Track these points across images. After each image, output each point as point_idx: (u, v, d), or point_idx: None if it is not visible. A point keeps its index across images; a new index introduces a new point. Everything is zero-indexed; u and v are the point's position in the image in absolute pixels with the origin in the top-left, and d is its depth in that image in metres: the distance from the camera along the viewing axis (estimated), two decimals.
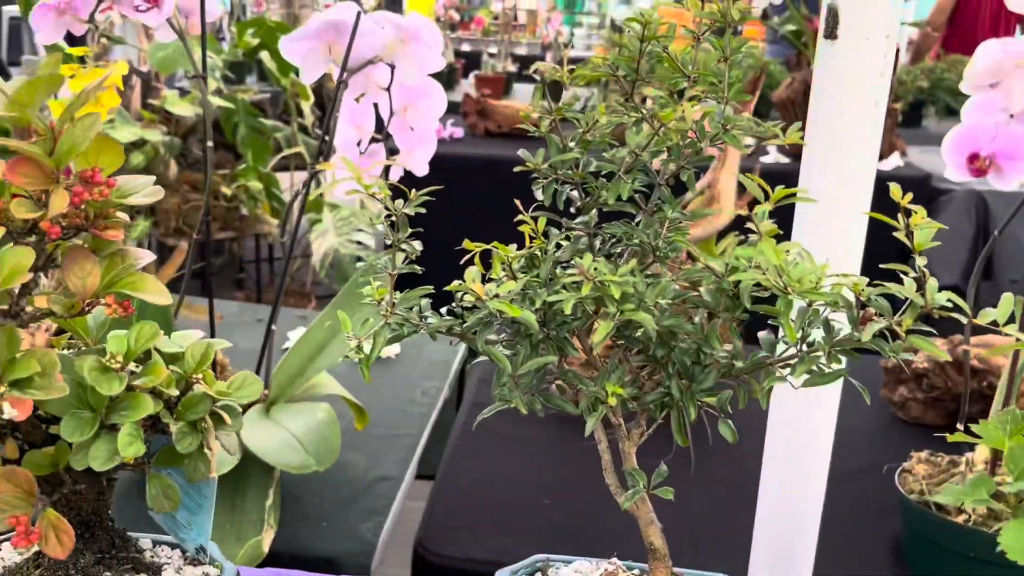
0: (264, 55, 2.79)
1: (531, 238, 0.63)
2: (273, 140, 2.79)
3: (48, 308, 0.55)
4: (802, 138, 0.55)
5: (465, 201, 2.88)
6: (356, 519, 1.25)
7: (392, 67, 1.27)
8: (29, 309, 0.55)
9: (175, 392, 0.57)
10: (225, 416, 0.59)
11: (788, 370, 0.55)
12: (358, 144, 1.31)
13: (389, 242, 0.60)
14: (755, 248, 0.50)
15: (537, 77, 0.66)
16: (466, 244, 0.61)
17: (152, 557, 0.67)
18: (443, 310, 0.63)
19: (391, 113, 1.28)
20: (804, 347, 0.53)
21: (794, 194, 0.54)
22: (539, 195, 0.60)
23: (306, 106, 2.81)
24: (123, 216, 0.56)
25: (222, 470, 0.81)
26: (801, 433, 0.89)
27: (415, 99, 1.31)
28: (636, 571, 0.67)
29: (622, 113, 0.57)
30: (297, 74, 2.98)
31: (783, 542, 0.92)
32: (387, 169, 1.30)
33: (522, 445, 1.48)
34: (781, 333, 0.54)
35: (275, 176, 2.78)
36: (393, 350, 1.71)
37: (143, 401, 0.55)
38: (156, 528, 0.68)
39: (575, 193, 0.61)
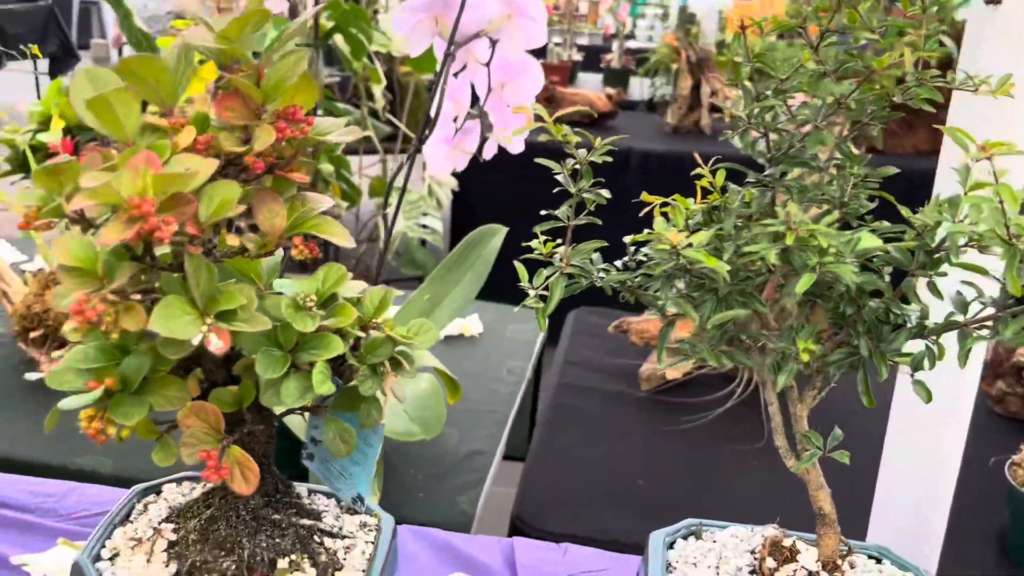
0: (338, 38, 2.81)
1: (705, 193, 0.62)
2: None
3: (241, 245, 0.56)
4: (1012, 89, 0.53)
5: (530, 187, 2.87)
6: (452, 492, 1.25)
7: (494, 42, 1.26)
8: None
9: (360, 334, 0.57)
10: (404, 361, 0.59)
11: (986, 331, 0.54)
12: (454, 120, 1.30)
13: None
14: (973, 197, 0.49)
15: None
16: (644, 197, 0.61)
17: (310, 504, 0.67)
18: (618, 262, 0.62)
19: (488, 89, 1.28)
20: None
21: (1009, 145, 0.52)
22: (736, 142, 0.59)
23: (377, 90, 2.82)
24: (310, 160, 0.57)
25: None
26: (936, 415, 0.86)
27: (514, 75, 1.30)
28: (793, 538, 0.65)
29: (822, 61, 0.56)
30: (370, 59, 2.99)
31: (908, 523, 0.90)
32: (481, 146, 1.29)
33: (611, 427, 1.47)
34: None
35: (346, 159, 2.80)
36: (476, 328, 1.70)
37: (333, 341, 0.55)
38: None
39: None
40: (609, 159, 0.60)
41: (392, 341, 0.58)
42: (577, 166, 0.58)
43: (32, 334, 1.43)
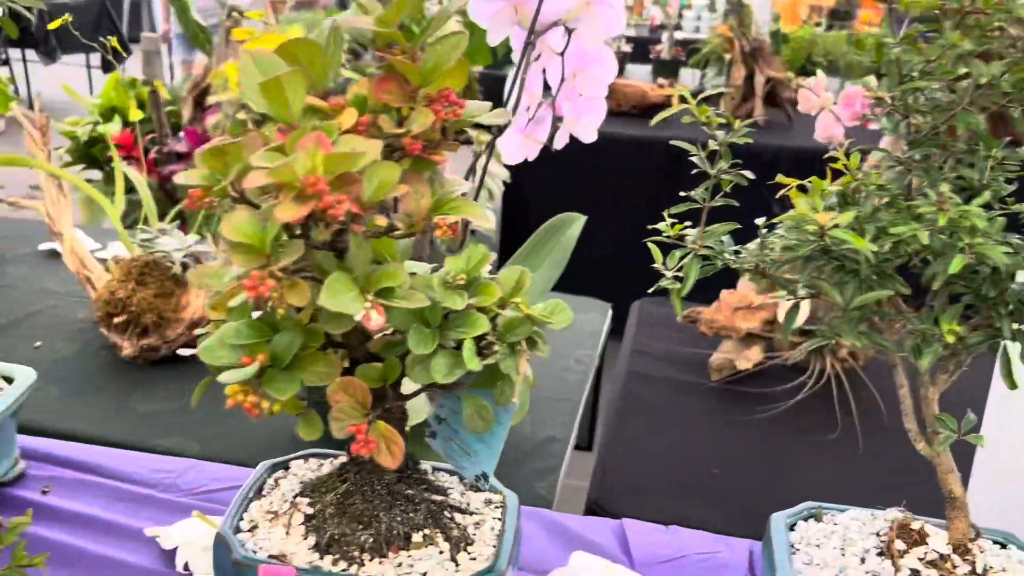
0: None
1: (836, 175, 0.62)
2: None
3: (390, 224, 0.57)
4: None
5: (582, 179, 2.88)
6: (531, 477, 1.26)
7: (570, 30, 1.27)
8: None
9: (500, 313, 0.58)
10: (539, 341, 0.60)
11: None
12: (527, 108, 1.31)
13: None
14: None
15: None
16: (780, 179, 0.61)
17: (435, 481, 0.69)
18: (750, 245, 0.63)
19: (562, 79, 1.28)
20: None
21: None
22: (884, 123, 0.59)
23: None
24: (456, 142, 0.58)
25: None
26: None
27: (588, 64, 1.31)
28: (921, 522, 0.66)
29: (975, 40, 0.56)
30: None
31: (1008, 506, 0.90)
32: (552, 135, 1.30)
33: (681, 416, 1.48)
34: None
35: None
36: None
37: (479, 319, 0.57)
38: None
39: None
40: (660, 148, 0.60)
41: (530, 320, 0.59)
42: (717, 148, 0.58)
43: (115, 319, 1.47)
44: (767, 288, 1.48)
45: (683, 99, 0.58)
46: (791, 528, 0.68)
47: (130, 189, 2.31)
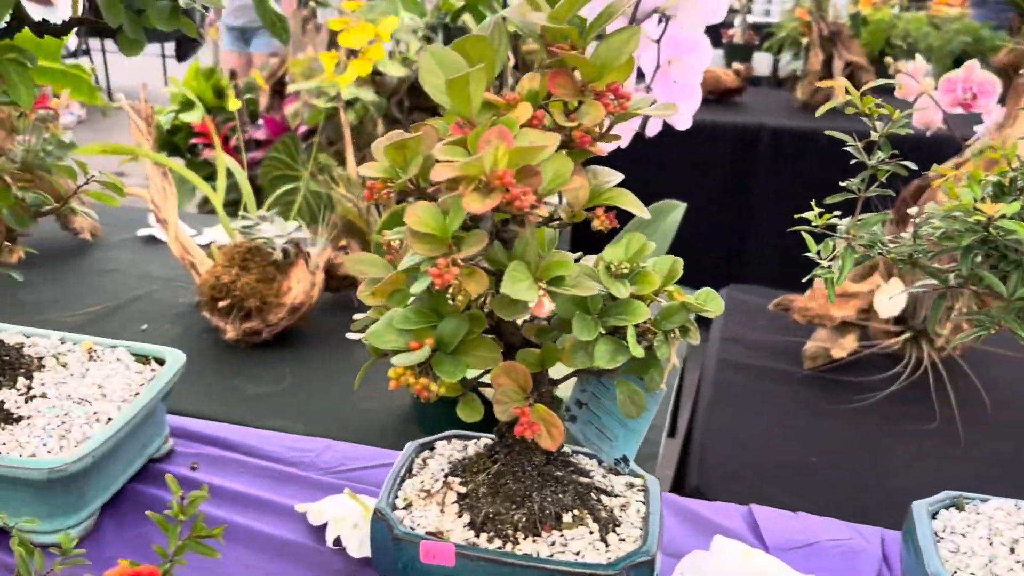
0: (467, 17, 2.84)
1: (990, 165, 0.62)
2: None
3: (551, 215, 0.59)
4: None
5: (658, 164, 2.86)
6: None
7: (667, 18, 1.27)
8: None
9: (659, 301, 0.60)
10: (692, 329, 0.61)
11: None
12: None
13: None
14: None
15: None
16: (937, 169, 0.61)
17: (578, 463, 0.71)
18: (903, 234, 0.63)
19: (656, 66, 1.28)
20: None
21: None
22: None
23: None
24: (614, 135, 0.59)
25: None
26: None
27: (683, 52, 1.30)
28: None
29: None
30: None
31: None
32: (644, 123, 1.30)
33: (775, 404, 1.48)
34: None
35: None
36: None
37: (639, 307, 0.58)
38: None
39: None
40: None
41: (686, 308, 0.61)
42: (875, 139, 0.59)
43: (220, 304, 1.52)
44: (866, 275, 1.46)
45: (848, 90, 0.59)
46: (933, 516, 0.68)
47: (207, 177, 2.37)
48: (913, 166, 0.59)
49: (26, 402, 0.75)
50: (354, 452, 0.86)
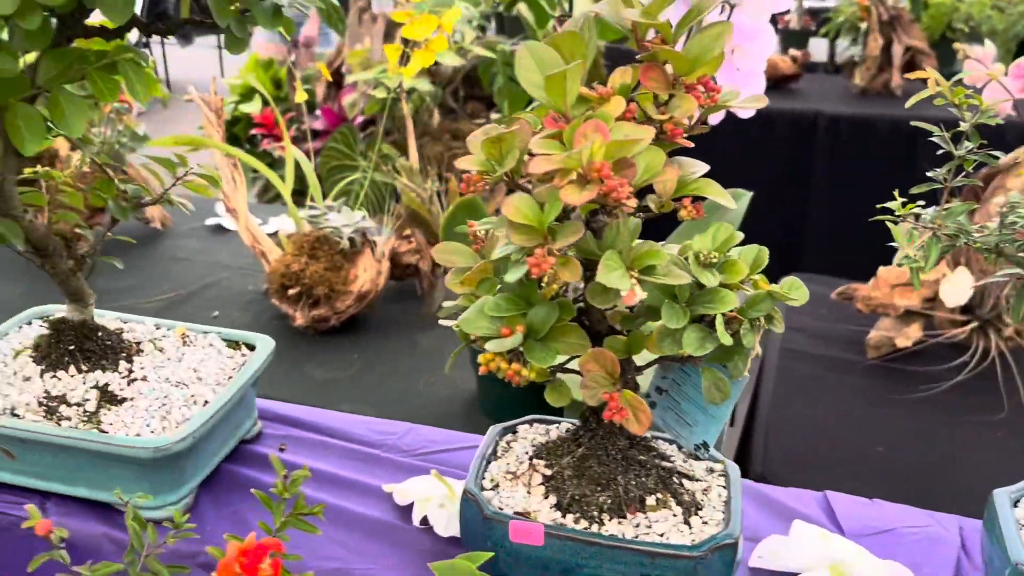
0: (521, 6, 2.85)
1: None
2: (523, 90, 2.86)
3: (640, 205, 0.60)
4: None
5: (714, 152, 2.85)
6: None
7: (732, 6, 1.26)
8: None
9: (746, 290, 0.61)
10: (776, 317, 0.62)
11: None
12: None
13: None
14: None
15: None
16: (1016, 155, 0.61)
17: (659, 448, 0.72)
18: (990, 224, 0.63)
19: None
20: None
21: None
22: None
23: None
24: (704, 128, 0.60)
25: None
26: None
27: (746, 40, 1.30)
28: None
29: None
30: (555, 27, 3.02)
31: None
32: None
33: (840, 393, 1.47)
34: None
35: None
36: None
37: (727, 296, 0.59)
38: None
39: None
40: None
41: (772, 297, 0.62)
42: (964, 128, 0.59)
43: (289, 291, 1.56)
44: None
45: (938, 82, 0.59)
46: (1014, 504, 0.68)
47: (268, 167, 2.41)
48: (1001, 155, 0.59)
49: (128, 384, 0.79)
50: (434, 435, 0.88)
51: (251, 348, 0.87)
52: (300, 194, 2.11)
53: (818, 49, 3.51)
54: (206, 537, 0.74)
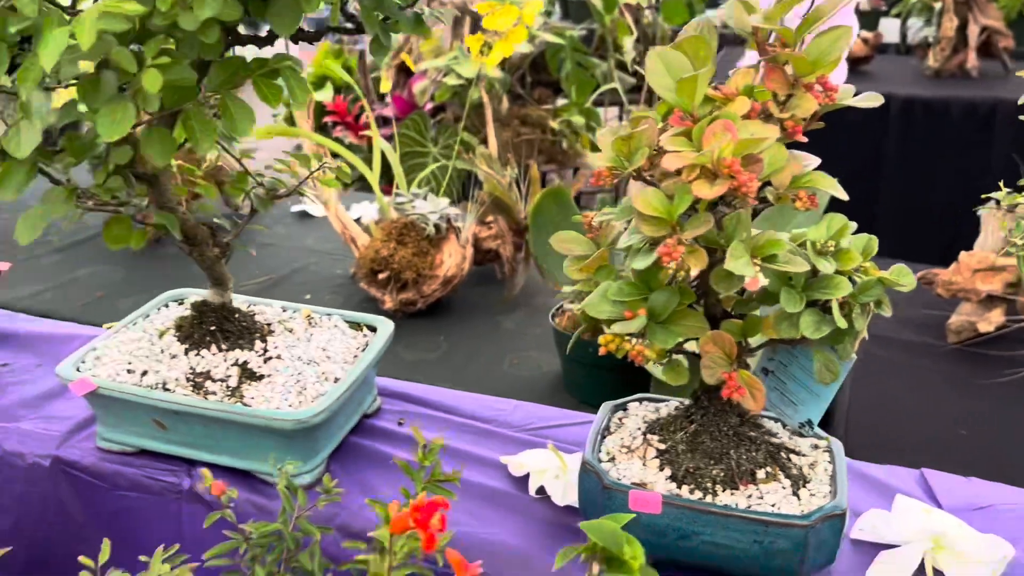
0: None
1: None
2: (591, 76, 2.89)
3: (761, 196, 0.64)
4: None
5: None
6: None
7: None
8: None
9: (857, 277, 0.65)
10: (884, 302, 0.66)
11: None
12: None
13: None
14: None
15: None
16: None
17: (765, 425, 0.76)
18: None
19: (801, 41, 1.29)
20: None
21: None
22: None
23: (628, 42, 2.87)
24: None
25: None
26: None
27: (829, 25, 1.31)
28: None
29: None
30: (622, 12, 3.02)
31: None
32: None
33: (920, 377, 1.49)
34: None
35: (596, 111, 2.88)
36: None
37: (841, 282, 0.63)
38: None
39: None
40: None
41: (881, 283, 0.65)
42: None
43: (379, 276, 1.63)
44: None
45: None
46: None
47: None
48: None
49: (264, 363, 0.85)
50: (542, 411, 0.94)
51: (372, 329, 0.93)
52: (387, 176, 2.19)
53: (889, 30, 3.46)
54: (339, 503, 0.80)
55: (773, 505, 0.69)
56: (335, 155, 1.76)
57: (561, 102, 2.97)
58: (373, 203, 1.96)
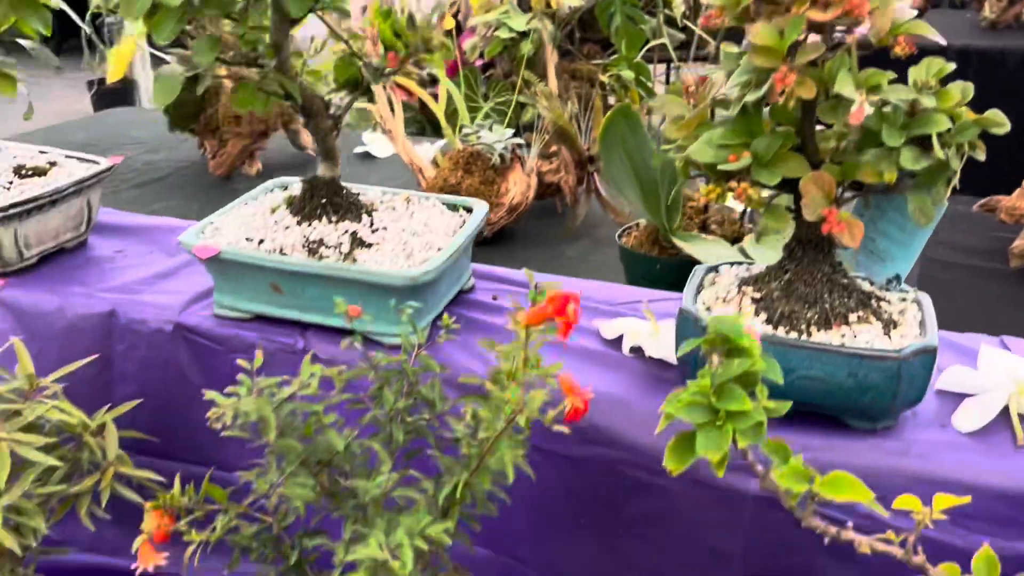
0: None
1: None
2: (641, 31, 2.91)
3: (863, 41, 0.68)
4: None
5: None
6: None
7: None
8: None
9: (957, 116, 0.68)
10: (979, 145, 0.69)
11: None
12: None
13: None
14: None
15: None
16: None
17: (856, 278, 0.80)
18: None
19: None
20: None
21: None
22: None
23: None
24: None
25: None
26: None
27: None
28: None
29: None
30: None
31: None
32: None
33: (985, 302, 1.51)
34: None
35: (646, 66, 2.90)
36: None
37: (940, 118, 0.67)
38: None
39: None
40: None
41: (976, 124, 0.69)
42: None
43: None
44: None
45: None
46: None
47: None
48: None
49: (372, 233, 0.91)
50: (627, 290, 0.98)
51: (468, 211, 0.98)
52: (436, 127, 2.24)
53: None
54: (447, 363, 0.85)
55: (867, 341, 0.73)
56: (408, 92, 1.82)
57: (613, 57, 2.99)
58: (433, 144, 2.01)
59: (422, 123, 3.12)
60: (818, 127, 0.74)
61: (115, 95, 4.28)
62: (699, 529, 0.79)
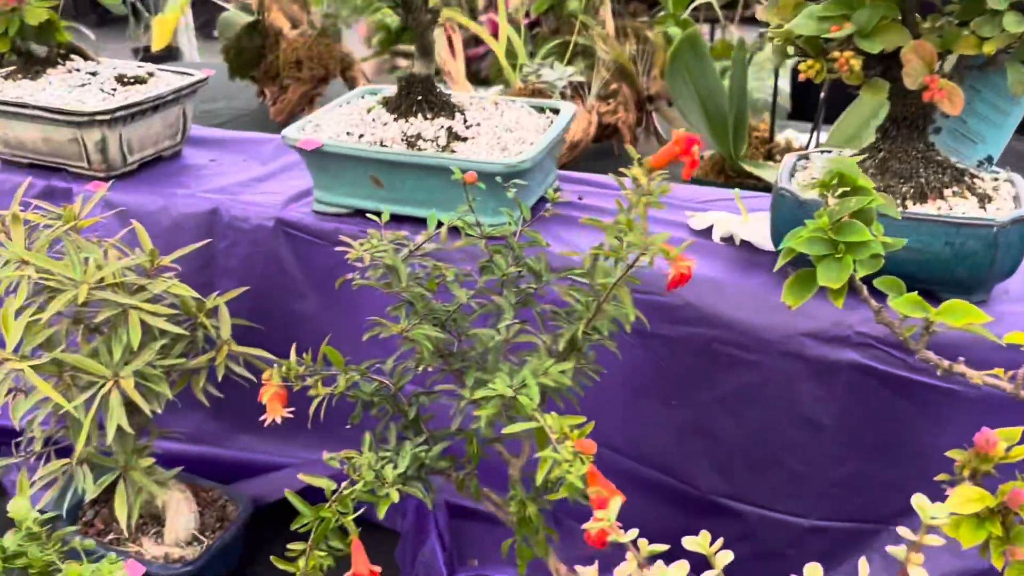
0: None
1: None
2: None
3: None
4: None
5: None
6: None
7: None
8: None
9: None
10: None
11: None
12: None
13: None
14: None
15: None
16: None
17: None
18: None
19: None
20: None
21: None
22: None
23: None
24: None
25: None
26: None
27: None
28: None
29: None
30: None
31: None
32: None
33: None
34: None
35: (692, 22, 2.90)
36: None
37: None
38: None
39: None
40: None
41: None
42: None
43: None
44: None
45: None
46: None
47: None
48: None
49: (467, 128, 0.94)
50: (708, 190, 1.01)
51: (555, 112, 1.01)
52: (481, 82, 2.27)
53: None
54: (541, 246, 0.88)
55: (963, 212, 0.75)
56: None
57: (660, 15, 2.99)
58: (488, 90, 2.04)
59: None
60: None
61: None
62: (792, 402, 0.81)
